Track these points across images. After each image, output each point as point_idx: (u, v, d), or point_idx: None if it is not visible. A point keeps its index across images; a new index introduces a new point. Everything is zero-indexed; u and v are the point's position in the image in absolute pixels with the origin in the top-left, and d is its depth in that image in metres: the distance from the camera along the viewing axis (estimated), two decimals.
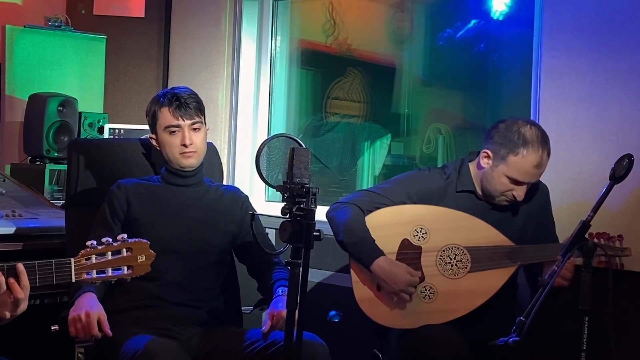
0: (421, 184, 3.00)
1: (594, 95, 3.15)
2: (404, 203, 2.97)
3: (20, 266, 2.16)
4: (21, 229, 3.25)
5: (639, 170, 2.60)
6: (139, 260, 2.26)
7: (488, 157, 2.90)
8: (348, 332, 3.49)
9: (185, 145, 2.88)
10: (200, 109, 2.94)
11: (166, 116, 2.89)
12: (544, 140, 2.82)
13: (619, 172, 2.42)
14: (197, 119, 2.91)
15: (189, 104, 2.89)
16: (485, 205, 2.95)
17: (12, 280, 2.15)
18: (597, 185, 2.62)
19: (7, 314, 2.19)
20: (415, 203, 2.96)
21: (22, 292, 2.16)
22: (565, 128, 3.22)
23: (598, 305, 2.40)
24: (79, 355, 2.78)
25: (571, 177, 3.20)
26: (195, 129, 2.91)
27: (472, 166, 2.99)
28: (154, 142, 2.98)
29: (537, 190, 2.99)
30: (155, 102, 2.95)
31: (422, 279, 2.85)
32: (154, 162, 3.19)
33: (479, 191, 2.96)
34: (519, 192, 2.84)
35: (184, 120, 2.88)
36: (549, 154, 2.83)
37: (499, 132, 2.87)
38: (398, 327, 2.87)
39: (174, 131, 2.89)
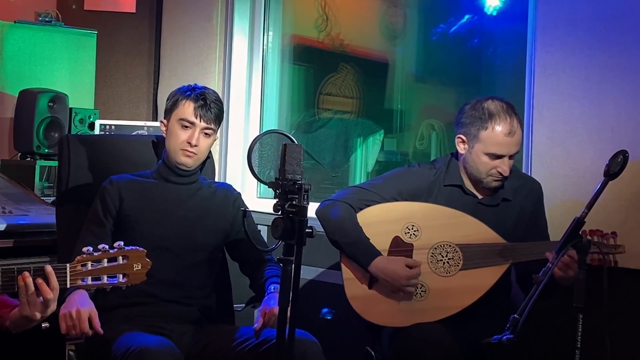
0: (411, 180, 2.99)
1: (588, 91, 3.15)
2: (395, 200, 2.95)
3: (49, 268, 2.17)
4: (11, 226, 3.23)
5: (634, 166, 2.59)
6: (134, 269, 2.24)
7: (463, 141, 2.92)
8: (340, 330, 3.48)
9: (190, 144, 2.88)
10: (219, 118, 2.94)
11: (187, 109, 2.89)
12: (509, 109, 2.85)
13: (614, 168, 2.40)
14: (212, 126, 2.91)
15: (212, 109, 2.90)
16: (473, 200, 2.94)
17: (40, 280, 2.16)
18: (592, 182, 2.61)
19: (38, 315, 2.20)
20: (405, 199, 2.95)
21: (52, 293, 2.17)
22: (559, 124, 3.22)
23: (592, 302, 2.39)
24: (70, 352, 2.76)
25: (565, 174, 3.19)
26: (206, 134, 2.91)
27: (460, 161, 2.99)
28: (162, 127, 2.98)
29: (530, 189, 2.98)
30: (182, 92, 2.94)
31: None
32: (146, 159, 3.17)
33: (466, 185, 2.95)
34: (504, 167, 2.84)
35: (200, 121, 2.88)
36: (520, 122, 2.86)
37: (466, 113, 2.91)
38: (390, 325, 2.86)
39: (187, 126, 2.89)
